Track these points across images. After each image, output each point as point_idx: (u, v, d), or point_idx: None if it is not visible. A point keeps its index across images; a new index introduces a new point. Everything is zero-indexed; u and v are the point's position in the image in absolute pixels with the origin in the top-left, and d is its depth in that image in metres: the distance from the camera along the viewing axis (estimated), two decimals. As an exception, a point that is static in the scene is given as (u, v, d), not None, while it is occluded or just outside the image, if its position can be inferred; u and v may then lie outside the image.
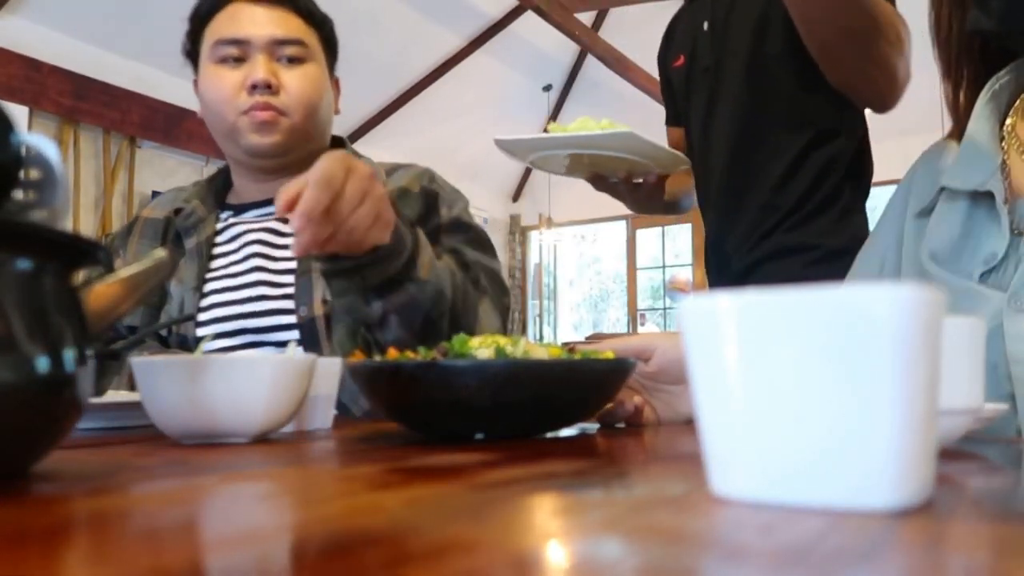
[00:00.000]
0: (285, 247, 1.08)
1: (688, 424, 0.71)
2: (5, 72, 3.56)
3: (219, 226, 1.12)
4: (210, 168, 4.26)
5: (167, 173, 4.25)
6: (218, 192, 1.16)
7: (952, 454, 0.44)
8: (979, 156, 0.69)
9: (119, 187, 4.04)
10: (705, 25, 1.36)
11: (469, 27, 5.45)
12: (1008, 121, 0.71)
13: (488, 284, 1.06)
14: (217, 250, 1.10)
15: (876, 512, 0.26)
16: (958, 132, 0.75)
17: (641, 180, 1.26)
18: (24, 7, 3.68)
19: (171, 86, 4.10)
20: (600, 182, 1.30)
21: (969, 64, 0.74)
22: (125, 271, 0.44)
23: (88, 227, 3.90)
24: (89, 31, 3.92)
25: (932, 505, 0.29)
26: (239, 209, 1.14)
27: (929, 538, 0.24)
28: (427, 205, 1.09)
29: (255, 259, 1.07)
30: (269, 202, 1.12)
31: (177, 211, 1.13)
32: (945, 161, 0.75)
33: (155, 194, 4.09)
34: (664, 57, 1.52)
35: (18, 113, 3.61)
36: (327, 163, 0.75)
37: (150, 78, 4.11)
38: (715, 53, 1.35)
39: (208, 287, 1.07)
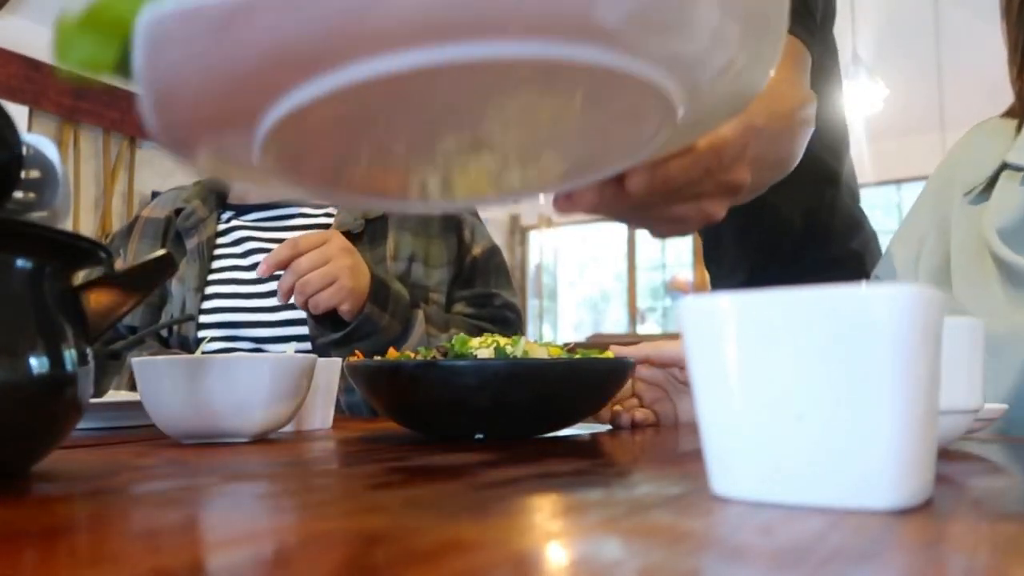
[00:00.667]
0: None
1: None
2: (5, 72, 3.56)
3: (220, 227, 1.12)
4: (210, 168, 4.27)
5: (167, 173, 4.25)
6: (219, 193, 1.16)
7: (952, 454, 0.44)
8: None
9: (119, 187, 4.04)
10: None
11: (469, 27, 5.46)
12: None
13: (514, 318, 1.12)
14: (219, 251, 1.10)
15: (876, 512, 0.26)
16: (1021, 109, 0.73)
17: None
18: (24, 7, 3.68)
19: (171, 86, 4.10)
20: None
21: None
22: (126, 271, 0.44)
23: (88, 227, 3.90)
24: (89, 31, 3.92)
25: (932, 505, 0.29)
26: (241, 210, 1.13)
27: (929, 538, 0.24)
28: (452, 230, 1.12)
29: (256, 256, 1.07)
30: (271, 205, 1.12)
31: (178, 211, 1.13)
32: (999, 139, 0.74)
33: (155, 194, 4.08)
34: None
35: (18, 113, 3.61)
36: (310, 233, 0.92)
37: (150, 78, 4.11)
38: None
39: (210, 289, 1.07)
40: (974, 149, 0.77)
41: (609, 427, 0.69)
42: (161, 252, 0.46)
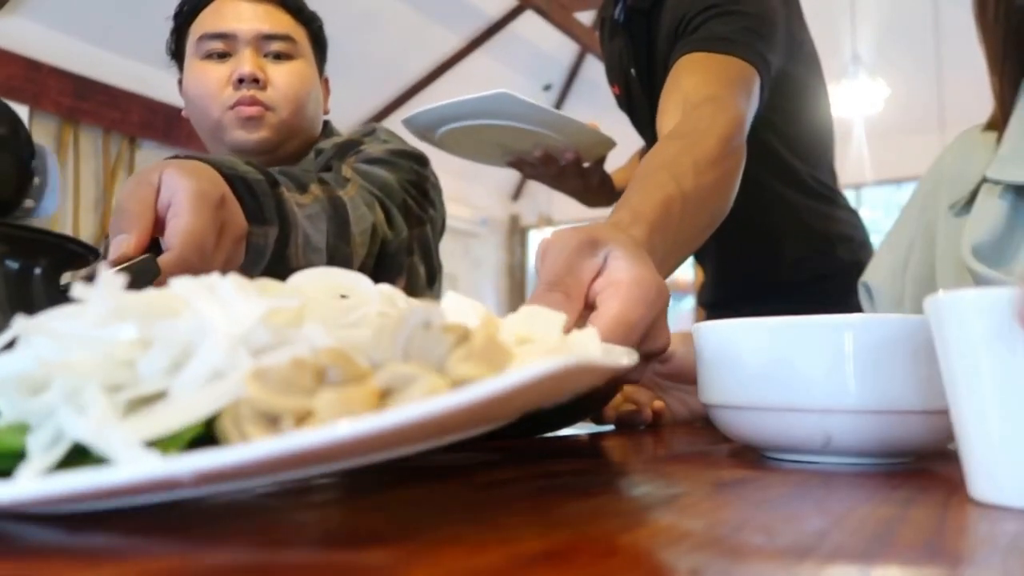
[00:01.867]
0: None
1: (700, 422, 0.72)
2: (5, 72, 3.55)
3: None
4: (210, 168, 4.27)
5: (167, 173, 4.25)
6: None
7: (951, 454, 0.44)
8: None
9: (119, 187, 4.04)
10: (632, 71, 1.23)
11: (469, 27, 5.45)
12: None
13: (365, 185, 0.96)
14: None
15: None
16: (1002, 121, 0.72)
17: (563, 162, 1.19)
18: (24, 7, 3.68)
19: (171, 86, 4.07)
20: (524, 167, 1.23)
21: (1017, 48, 0.70)
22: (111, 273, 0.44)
23: (88, 227, 3.90)
24: (89, 31, 3.92)
25: (932, 505, 0.29)
26: None
27: (929, 538, 0.24)
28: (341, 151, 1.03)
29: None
30: None
31: None
32: (982, 151, 0.72)
33: (155, 194, 4.08)
34: (606, 68, 1.35)
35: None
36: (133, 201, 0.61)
37: (150, 78, 4.11)
38: (650, 103, 1.18)
39: None
40: (960, 159, 0.76)
41: (611, 427, 0.69)
42: (145, 256, 0.45)
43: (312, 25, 1.09)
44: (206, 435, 0.23)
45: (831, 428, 0.39)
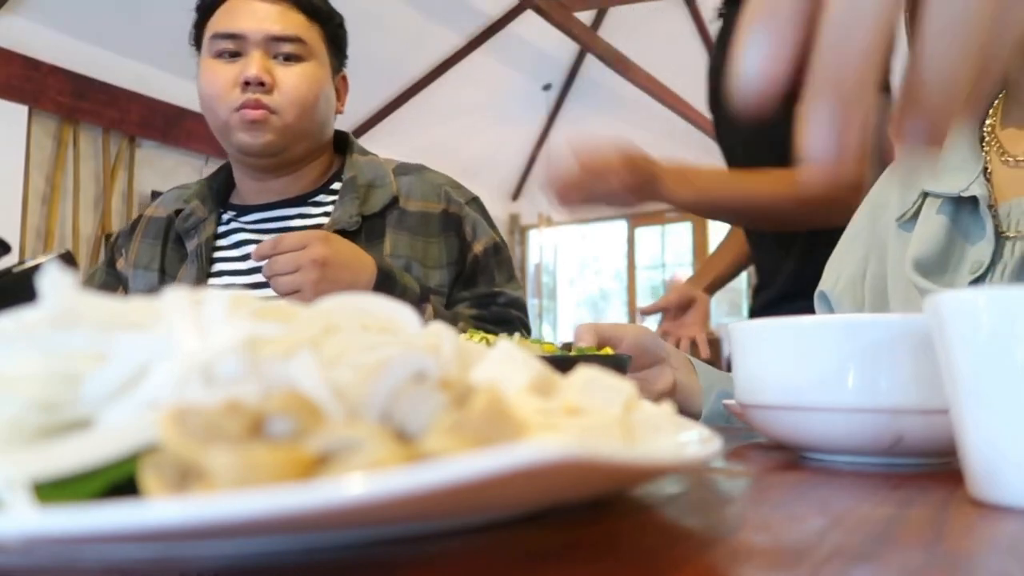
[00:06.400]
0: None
1: (658, 400, 0.72)
2: (5, 72, 3.55)
3: (221, 228, 1.10)
4: (210, 167, 4.26)
5: (166, 172, 4.25)
6: (219, 191, 1.13)
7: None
8: (961, 160, 0.67)
9: (119, 186, 4.04)
10: (739, 148, 1.33)
11: (469, 26, 5.45)
12: (988, 123, 0.69)
13: (519, 316, 1.10)
14: (219, 253, 1.08)
15: None
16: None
17: None
18: (24, 7, 3.67)
19: (171, 86, 4.10)
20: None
21: None
22: (26, 265, 0.43)
23: (88, 227, 3.90)
24: (89, 31, 3.92)
25: (932, 505, 0.29)
26: (242, 210, 1.11)
27: (929, 538, 0.24)
28: (452, 229, 1.09)
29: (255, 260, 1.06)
30: (270, 206, 1.10)
31: (178, 211, 1.11)
32: (924, 164, 0.73)
33: (155, 194, 4.08)
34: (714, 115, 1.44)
35: (18, 112, 3.61)
36: (295, 234, 0.91)
37: (150, 78, 4.11)
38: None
39: None
40: (908, 171, 0.76)
41: None
42: (62, 251, 0.45)
43: (329, 24, 1.08)
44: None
45: (903, 428, 0.38)
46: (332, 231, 0.99)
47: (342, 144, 1.15)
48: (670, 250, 7.19)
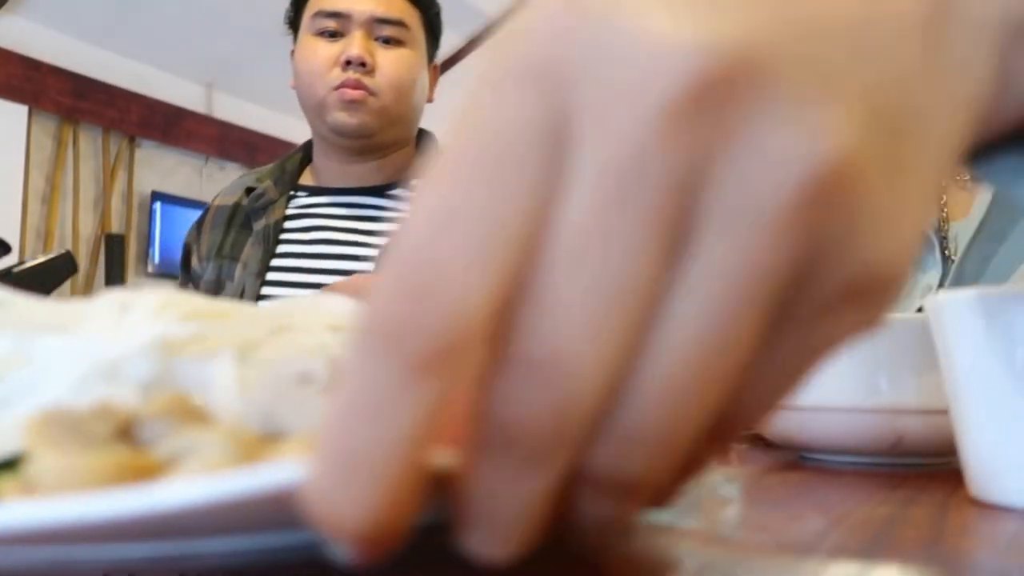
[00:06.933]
0: (356, 238, 1.04)
1: None
2: (5, 72, 3.55)
3: (290, 211, 1.08)
4: (210, 167, 4.25)
5: (166, 172, 4.25)
6: (293, 173, 1.11)
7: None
8: None
9: (119, 186, 4.04)
10: None
11: (469, 27, 5.45)
12: None
13: None
14: (286, 236, 1.06)
15: None
16: None
17: None
18: (24, 7, 3.67)
19: (171, 86, 4.09)
20: None
21: None
22: (26, 265, 0.43)
23: (88, 227, 3.90)
24: (89, 31, 3.91)
25: (932, 505, 0.29)
26: (315, 192, 1.09)
27: (929, 538, 0.24)
28: None
29: (324, 245, 1.03)
30: (348, 191, 1.08)
31: (249, 191, 1.09)
32: None
33: (154, 193, 4.08)
34: None
35: (17, 113, 3.61)
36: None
37: (150, 77, 4.11)
38: None
39: (272, 275, 1.02)
40: None
41: None
42: (62, 251, 0.45)
43: (429, 11, 1.08)
44: None
45: (903, 428, 0.38)
46: None
47: (422, 143, 1.15)
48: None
